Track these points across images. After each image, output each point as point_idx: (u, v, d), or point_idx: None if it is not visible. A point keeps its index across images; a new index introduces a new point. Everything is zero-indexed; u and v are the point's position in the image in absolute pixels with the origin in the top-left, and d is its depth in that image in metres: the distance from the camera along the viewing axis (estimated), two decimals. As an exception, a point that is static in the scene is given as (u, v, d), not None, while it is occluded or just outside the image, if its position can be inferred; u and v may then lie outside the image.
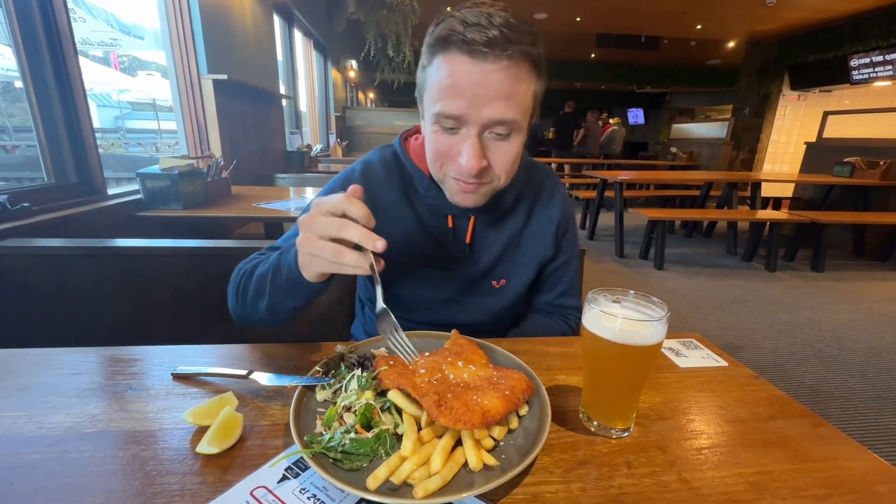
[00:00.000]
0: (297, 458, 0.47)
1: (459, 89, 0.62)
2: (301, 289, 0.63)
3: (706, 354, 0.76)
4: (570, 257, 0.93)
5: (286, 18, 4.62)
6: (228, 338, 1.32)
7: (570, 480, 0.47)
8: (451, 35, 0.61)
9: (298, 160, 4.20)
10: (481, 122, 0.64)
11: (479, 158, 0.66)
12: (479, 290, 0.87)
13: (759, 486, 0.47)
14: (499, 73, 0.61)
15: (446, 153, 0.69)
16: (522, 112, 0.65)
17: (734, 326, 2.87)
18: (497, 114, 0.63)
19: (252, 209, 2.03)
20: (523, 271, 0.88)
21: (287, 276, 0.63)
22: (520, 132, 0.68)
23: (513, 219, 0.86)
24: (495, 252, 0.85)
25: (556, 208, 0.89)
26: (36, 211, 1.50)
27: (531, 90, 0.66)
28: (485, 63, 0.60)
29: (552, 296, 0.93)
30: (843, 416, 1.96)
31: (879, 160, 4.59)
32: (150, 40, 3.98)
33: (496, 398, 0.50)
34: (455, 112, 0.63)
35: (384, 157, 0.85)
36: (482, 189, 0.72)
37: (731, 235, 4.72)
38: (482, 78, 0.61)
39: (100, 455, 0.48)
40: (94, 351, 0.69)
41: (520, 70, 0.62)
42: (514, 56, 0.61)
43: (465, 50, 0.60)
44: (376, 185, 0.82)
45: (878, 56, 6.27)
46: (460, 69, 0.61)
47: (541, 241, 0.88)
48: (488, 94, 0.62)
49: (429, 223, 0.83)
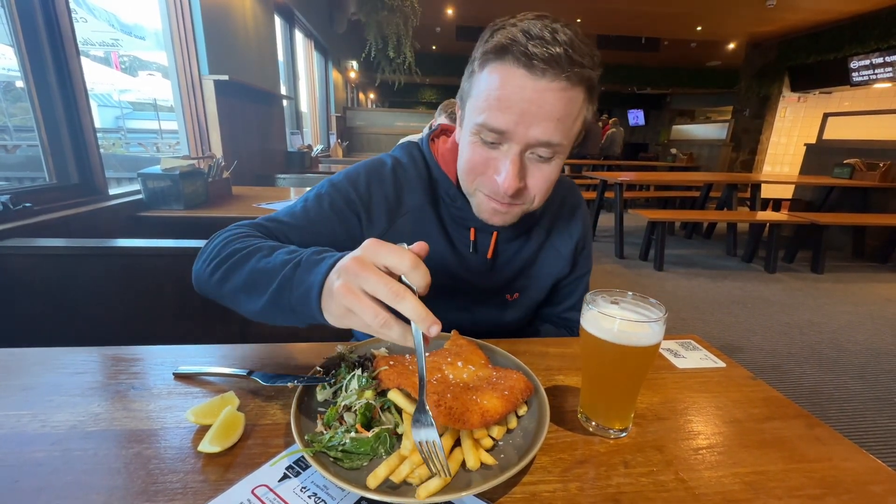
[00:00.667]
0: (297, 457, 0.48)
1: (510, 103, 0.58)
2: (309, 319, 0.52)
3: (704, 356, 0.76)
4: (584, 272, 0.92)
5: (287, 19, 4.63)
6: (230, 338, 1.33)
7: (568, 480, 0.48)
8: (511, 45, 0.57)
9: (299, 161, 4.21)
10: (526, 141, 0.60)
11: (518, 179, 0.63)
12: (493, 302, 0.85)
13: (755, 485, 0.48)
14: (554, 92, 0.58)
15: (482, 168, 0.65)
16: (569, 136, 0.62)
17: (733, 327, 2.87)
18: (544, 135, 0.60)
19: (253, 209, 2.04)
20: (538, 286, 0.86)
21: (298, 303, 0.51)
22: (562, 156, 0.65)
23: (534, 234, 0.84)
24: (515, 268, 0.83)
25: (576, 226, 0.87)
26: (38, 211, 1.50)
27: (582, 115, 0.63)
28: (542, 80, 0.57)
29: (561, 308, 0.93)
30: (841, 418, 1.96)
31: (879, 162, 4.60)
32: (152, 40, 3.99)
33: (495, 398, 0.50)
34: (501, 126, 0.60)
35: (413, 157, 0.81)
36: (514, 210, 0.69)
37: (730, 237, 4.72)
38: (536, 95, 0.57)
39: (103, 453, 0.48)
40: (97, 350, 0.69)
41: (575, 93, 0.59)
42: (572, 78, 0.57)
43: (523, 63, 0.57)
44: (406, 185, 0.78)
45: (878, 58, 6.28)
46: (514, 82, 0.58)
47: (559, 258, 0.86)
48: (539, 112, 0.58)
49: (451, 232, 0.79)
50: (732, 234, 4.71)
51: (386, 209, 0.76)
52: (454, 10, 7.01)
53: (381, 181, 0.77)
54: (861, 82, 6.63)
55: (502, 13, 0.63)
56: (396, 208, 0.77)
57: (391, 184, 0.77)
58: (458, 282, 0.81)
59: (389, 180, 0.77)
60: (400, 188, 0.78)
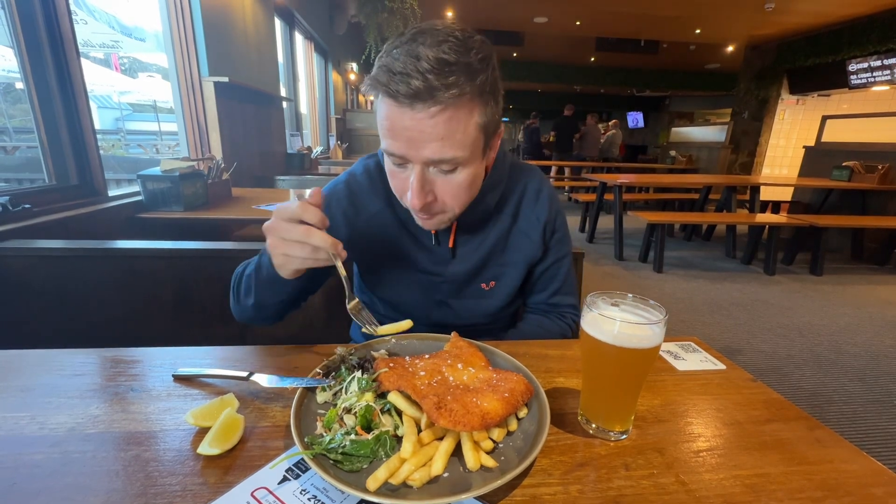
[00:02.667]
0: (297, 460, 0.48)
1: (395, 132, 0.62)
2: (280, 286, 0.70)
3: (704, 358, 0.76)
4: (561, 256, 0.92)
5: (287, 21, 4.64)
6: (229, 339, 1.33)
7: (568, 482, 0.47)
8: (377, 85, 0.61)
9: (299, 162, 4.21)
10: (422, 161, 0.64)
11: (422, 195, 0.67)
12: (469, 292, 0.87)
13: (755, 488, 0.48)
14: (428, 119, 0.60)
15: (401, 187, 0.70)
16: (465, 147, 0.64)
17: (733, 329, 2.87)
18: (435, 154, 0.63)
19: (252, 211, 2.04)
20: (512, 272, 0.88)
21: (267, 275, 0.70)
22: (467, 164, 0.67)
23: (498, 221, 0.86)
24: (480, 255, 0.85)
25: (542, 208, 0.88)
26: (37, 212, 1.50)
27: (473, 122, 0.64)
28: (412, 110, 0.59)
29: (546, 295, 0.93)
30: (841, 420, 1.96)
31: (877, 164, 4.61)
32: (152, 42, 4.00)
33: (495, 400, 0.50)
34: (396, 152, 0.64)
35: (368, 168, 0.87)
36: (435, 219, 0.74)
37: (729, 239, 4.73)
38: (413, 123, 0.60)
39: (102, 456, 0.48)
40: (96, 352, 0.69)
41: (455, 110, 0.60)
42: (444, 101, 0.59)
43: (393, 98, 0.60)
44: (361, 195, 0.85)
45: (875, 61, 6.30)
46: (392, 114, 0.61)
47: (528, 242, 0.87)
48: (422, 136, 0.61)
49: (413, 230, 0.84)
50: (732, 236, 4.72)
51: (344, 220, 0.85)
52: (454, 13, 7.03)
53: (338, 201, 0.86)
54: (859, 85, 6.65)
55: (502, 14, 0.63)
56: (354, 217, 0.85)
57: (345, 197, 0.86)
58: (428, 274, 0.85)
59: (343, 195, 0.86)
60: (354, 198, 0.86)
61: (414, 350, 0.69)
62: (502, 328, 0.94)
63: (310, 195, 0.60)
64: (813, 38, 7.15)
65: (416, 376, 0.55)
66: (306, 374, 0.61)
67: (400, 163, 0.67)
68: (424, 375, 0.55)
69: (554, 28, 7.81)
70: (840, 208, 5.01)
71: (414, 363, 0.59)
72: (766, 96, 8.00)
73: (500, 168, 0.83)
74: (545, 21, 7.36)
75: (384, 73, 0.60)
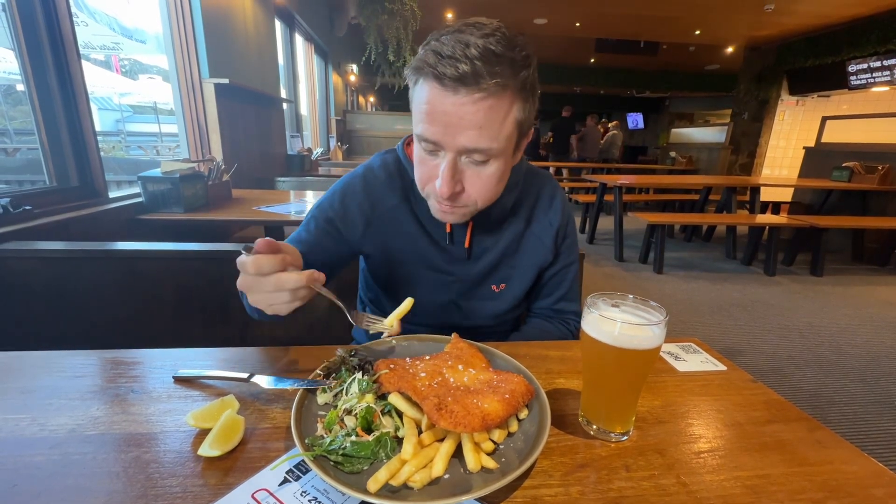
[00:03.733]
0: (298, 461, 0.48)
1: (434, 116, 0.63)
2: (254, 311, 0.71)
3: (705, 359, 0.76)
4: (570, 262, 0.93)
5: (287, 23, 4.65)
6: (229, 341, 1.33)
7: (569, 483, 0.47)
8: (424, 67, 0.61)
9: (299, 164, 4.21)
10: (456, 149, 0.64)
11: (452, 184, 0.67)
12: (479, 294, 0.87)
13: (756, 489, 0.48)
14: (471, 104, 0.60)
15: (428, 174, 0.70)
16: (500, 139, 0.65)
17: (733, 330, 2.87)
18: (470, 142, 0.63)
19: (252, 212, 2.04)
20: (523, 275, 0.88)
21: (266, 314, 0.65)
22: (499, 157, 0.67)
23: (512, 224, 0.87)
24: (494, 257, 0.85)
25: (555, 213, 0.89)
26: (37, 214, 1.50)
27: (512, 117, 0.65)
28: (456, 95, 0.60)
29: (551, 300, 0.93)
30: (842, 421, 1.96)
31: (878, 165, 4.61)
32: (152, 44, 4.01)
33: (496, 402, 0.50)
34: (431, 137, 0.64)
35: (386, 162, 0.87)
36: (458, 211, 0.73)
37: (730, 239, 4.73)
38: (454, 108, 0.61)
39: (102, 457, 0.48)
40: (96, 354, 0.69)
41: (497, 100, 0.61)
42: (488, 88, 0.60)
43: (437, 81, 0.60)
44: (378, 189, 0.84)
45: (875, 62, 6.30)
46: (434, 98, 0.62)
47: (540, 246, 0.88)
48: (461, 123, 0.62)
49: (428, 227, 0.84)
50: (732, 236, 4.72)
51: (360, 215, 0.84)
52: (454, 14, 7.04)
53: (353, 193, 0.85)
54: (859, 86, 6.65)
55: (502, 15, 0.63)
56: (371, 212, 0.84)
57: (362, 191, 0.84)
58: (441, 273, 0.85)
59: (360, 189, 0.85)
60: (372, 193, 0.84)
61: (414, 351, 0.69)
62: (506, 331, 0.94)
63: (256, 245, 0.57)
64: (813, 39, 7.15)
65: (417, 377, 0.55)
66: (307, 375, 0.61)
67: (432, 149, 0.66)
68: (425, 377, 0.55)
69: (553, 29, 7.82)
70: (840, 209, 5.01)
71: (414, 364, 0.59)
72: (766, 97, 8.00)
73: (517, 171, 0.83)
74: (544, 22, 7.38)
75: (432, 55, 0.60)
